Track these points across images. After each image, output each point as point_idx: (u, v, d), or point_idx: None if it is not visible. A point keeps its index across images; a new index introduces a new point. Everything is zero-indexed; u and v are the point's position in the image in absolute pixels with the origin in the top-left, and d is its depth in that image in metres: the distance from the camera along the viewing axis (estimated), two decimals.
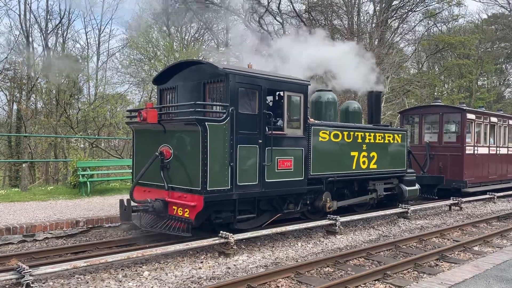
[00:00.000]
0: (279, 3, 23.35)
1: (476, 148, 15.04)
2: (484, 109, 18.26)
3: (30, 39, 21.15)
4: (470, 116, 14.91)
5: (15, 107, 22.66)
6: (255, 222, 8.40)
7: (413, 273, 6.75)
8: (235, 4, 22.15)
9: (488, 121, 15.97)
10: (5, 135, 21.54)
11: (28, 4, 21.20)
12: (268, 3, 23.19)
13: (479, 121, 15.45)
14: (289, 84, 8.55)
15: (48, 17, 22.23)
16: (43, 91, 21.85)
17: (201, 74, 8.24)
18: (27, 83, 21.52)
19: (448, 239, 9.18)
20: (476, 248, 8.40)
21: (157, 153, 7.64)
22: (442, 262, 7.39)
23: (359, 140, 10.08)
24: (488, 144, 15.93)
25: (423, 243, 8.73)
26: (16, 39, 21.54)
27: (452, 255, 7.80)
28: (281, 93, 8.65)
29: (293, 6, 23.45)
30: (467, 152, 14.50)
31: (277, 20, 24.42)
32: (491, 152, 16.01)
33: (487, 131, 15.96)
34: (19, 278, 5.31)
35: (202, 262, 6.96)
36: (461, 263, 7.08)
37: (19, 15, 21.05)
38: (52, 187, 14.66)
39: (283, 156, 8.29)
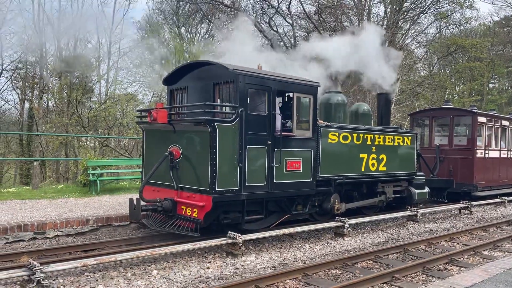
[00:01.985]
0: (289, 4, 23.35)
1: (486, 151, 14.90)
2: (495, 112, 18.10)
3: (43, 38, 21.37)
4: (481, 119, 14.78)
5: (27, 105, 22.98)
6: (263, 223, 8.41)
7: (422, 277, 6.71)
8: (245, 5, 22.16)
9: (499, 124, 15.82)
10: (17, 133, 21.83)
11: (42, 4, 21.44)
12: (278, 4, 23.19)
13: (490, 124, 15.30)
14: (299, 86, 8.54)
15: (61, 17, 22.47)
16: (55, 90, 22.09)
17: (211, 74, 8.27)
18: (39, 82, 21.77)
19: (458, 243, 9.12)
20: (485, 253, 8.33)
21: (166, 153, 7.70)
22: (451, 266, 7.34)
23: (369, 142, 10.05)
24: (499, 148, 15.78)
25: (432, 247, 8.68)
26: (29, 38, 21.80)
27: (462, 259, 7.74)
28: (291, 95, 8.65)
29: (303, 7, 23.41)
30: (477, 155, 14.37)
31: (287, 21, 24.42)
32: (502, 155, 15.86)
33: (498, 134, 15.80)
34: (30, 275, 5.37)
35: (210, 262, 6.99)
36: (470, 267, 7.03)
37: (32, 15, 21.32)
38: (62, 185, 14.80)
39: (291, 158, 8.29)
